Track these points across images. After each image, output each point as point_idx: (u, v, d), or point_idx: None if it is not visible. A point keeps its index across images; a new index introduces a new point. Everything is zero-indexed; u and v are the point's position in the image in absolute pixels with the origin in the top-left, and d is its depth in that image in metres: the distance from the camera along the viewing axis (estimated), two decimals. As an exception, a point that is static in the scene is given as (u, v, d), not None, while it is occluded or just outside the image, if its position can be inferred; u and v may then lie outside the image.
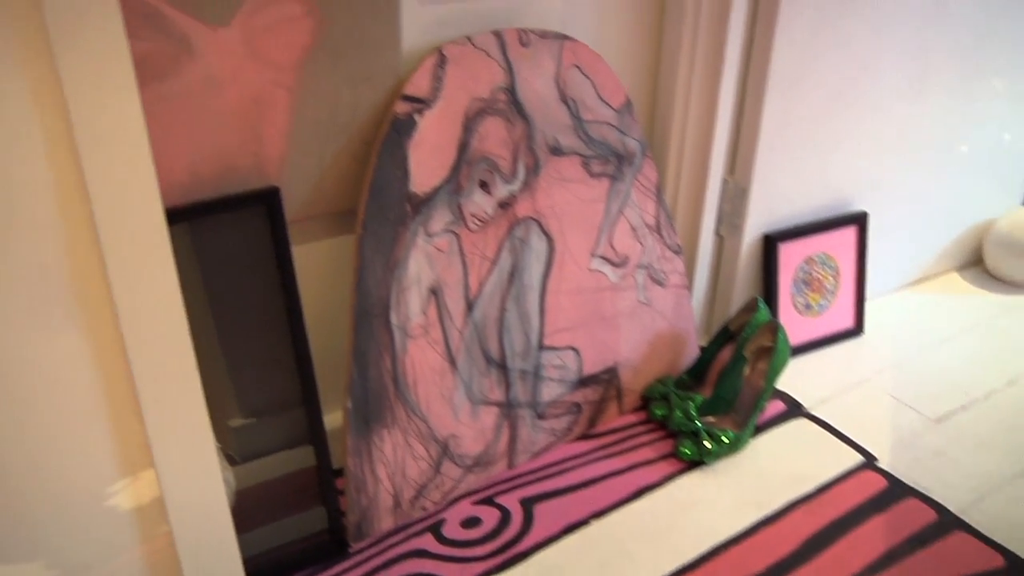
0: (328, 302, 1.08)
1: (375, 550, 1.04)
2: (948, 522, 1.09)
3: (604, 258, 1.18)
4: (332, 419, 1.09)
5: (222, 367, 0.98)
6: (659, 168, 1.30)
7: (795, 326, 1.40)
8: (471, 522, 1.09)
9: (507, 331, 1.10)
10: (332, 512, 1.03)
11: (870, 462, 1.19)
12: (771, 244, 1.37)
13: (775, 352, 1.22)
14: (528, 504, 1.10)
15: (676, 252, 1.25)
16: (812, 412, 1.29)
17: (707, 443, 1.17)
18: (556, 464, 1.17)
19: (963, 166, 1.57)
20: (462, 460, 1.10)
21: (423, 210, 1.01)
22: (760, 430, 1.25)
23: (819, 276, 1.42)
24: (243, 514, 0.97)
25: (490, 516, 1.09)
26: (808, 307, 1.42)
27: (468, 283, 1.06)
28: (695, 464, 1.18)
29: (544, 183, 1.10)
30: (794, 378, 1.36)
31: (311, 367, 1.00)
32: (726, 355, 1.28)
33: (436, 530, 1.07)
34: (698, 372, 1.30)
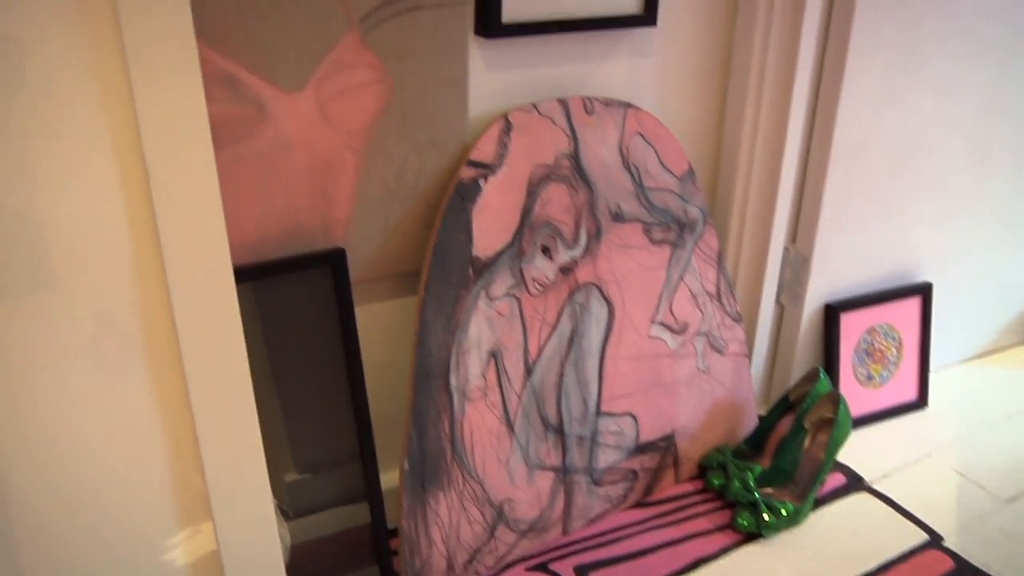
0: (388, 362, 1.09)
1: (427, 614, 1.03)
2: (1019, 608, 1.05)
3: (664, 325, 1.17)
4: (388, 478, 1.09)
5: (279, 421, 0.99)
6: (720, 236, 1.30)
7: (856, 397, 1.38)
8: (524, 589, 1.07)
9: (565, 396, 1.10)
10: (385, 572, 1.03)
11: (935, 541, 1.15)
12: (832, 313, 1.35)
13: (836, 424, 1.20)
14: (582, 572, 1.09)
15: (736, 320, 1.24)
16: (874, 486, 1.26)
17: (765, 515, 1.15)
18: (611, 532, 1.16)
19: (1031, 238, 1.55)
20: (517, 525, 1.09)
21: (485, 274, 1.01)
22: (820, 503, 1.22)
23: (881, 347, 1.39)
24: (296, 570, 0.97)
25: (543, 583, 1.08)
26: (870, 378, 1.40)
27: (528, 347, 1.06)
28: (753, 537, 1.16)
29: (605, 249, 1.10)
30: (855, 451, 1.33)
31: (369, 426, 1.01)
32: (786, 425, 1.26)
33: (489, 596, 1.06)
34: (757, 442, 1.28)
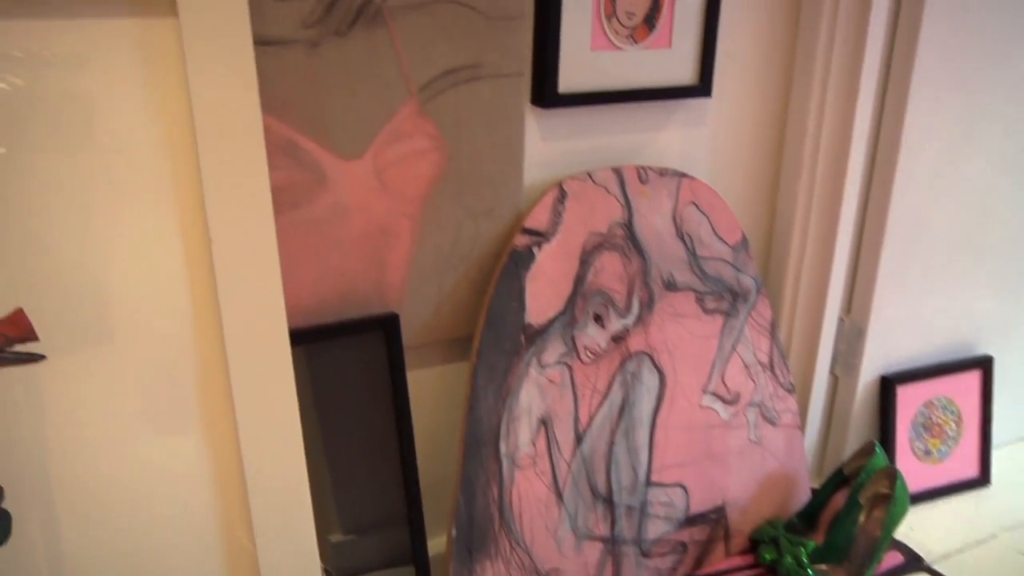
0: (438, 427, 1.09)
1: None
2: None
3: (716, 395, 1.16)
4: (435, 543, 1.08)
5: (328, 482, 0.99)
6: (773, 305, 1.29)
7: (914, 473, 1.34)
8: (570, 663, 1.05)
9: (615, 465, 1.09)
10: (430, 640, 1.02)
11: (998, 627, 1.11)
12: (888, 386, 1.32)
13: (893, 500, 1.16)
14: (629, 648, 1.07)
15: (789, 391, 1.23)
16: (934, 567, 1.22)
17: (820, 594, 1.12)
18: (659, 606, 1.14)
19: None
20: (563, 596, 1.07)
21: (537, 341, 1.02)
22: (877, 583, 1.19)
23: (940, 421, 1.36)
24: (342, 638, 0.96)
25: (590, 658, 1.06)
26: (928, 453, 1.36)
27: (578, 415, 1.05)
28: (806, 616, 1.13)
29: (658, 318, 1.10)
30: (913, 529, 1.29)
31: (418, 489, 1.01)
32: (840, 500, 1.23)
33: (534, 669, 1.04)
34: (810, 516, 1.25)
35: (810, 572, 1.14)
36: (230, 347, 0.79)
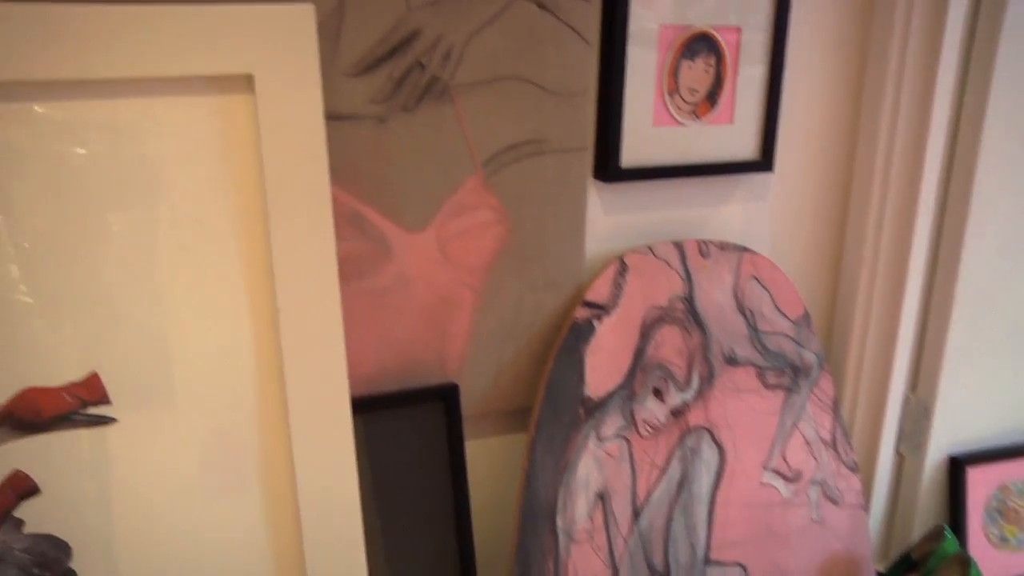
0: (494, 498, 1.08)
1: None
2: None
3: (776, 472, 1.14)
4: (488, 618, 1.07)
5: (382, 551, 0.99)
6: (836, 382, 1.26)
7: (989, 560, 1.29)
8: None
9: (672, 542, 1.07)
10: None
11: None
12: (958, 467, 1.28)
13: (964, 588, 1.12)
14: None
15: (852, 470, 1.20)
16: (1007, 660, 1.17)
17: None
18: None
19: None
20: (619, 677, 1.05)
21: (596, 414, 1.01)
22: (947, 675, 1.14)
23: (1016, 506, 1.31)
24: None
25: None
26: (1004, 540, 1.31)
27: (636, 490, 1.04)
28: None
29: (718, 393, 1.09)
30: (986, 618, 1.24)
31: (473, 561, 1.00)
32: (908, 585, 1.19)
33: None
34: (876, 601, 1.21)
35: (876, 660, 1.10)
36: (293, 414, 0.81)
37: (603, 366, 1.01)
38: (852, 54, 1.17)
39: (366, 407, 0.95)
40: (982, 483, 1.29)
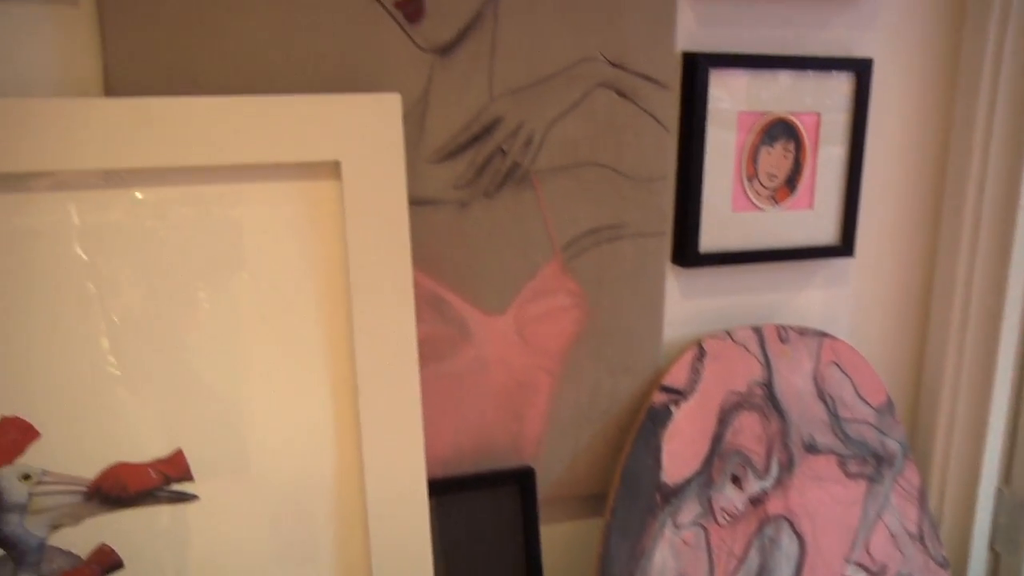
0: (568, 584, 1.07)
1: None
2: None
3: (859, 565, 1.10)
4: None
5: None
6: (923, 472, 1.22)
7: (1087, 665, 1.22)
8: None
9: (752, 636, 1.04)
10: None
11: None
12: (1054, 565, 1.22)
13: None
14: None
15: (942, 566, 1.15)
16: None
17: None
18: None
19: None
20: None
21: (673, 501, 0.99)
22: None
23: (1116, 608, 1.24)
24: None
25: None
26: (1102, 643, 1.24)
27: (714, 581, 1.02)
28: None
29: (798, 481, 1.06)
30: None
31: (546, 651, 0.98)
32: None
33: None
34: None
35: None
36: (370, 492, 0.81)
37: (680, 452, 1.00)
38: (935, 134, 1.16)
39: (442, 489, 0.95)
40: (1081, 583, 1.23)
